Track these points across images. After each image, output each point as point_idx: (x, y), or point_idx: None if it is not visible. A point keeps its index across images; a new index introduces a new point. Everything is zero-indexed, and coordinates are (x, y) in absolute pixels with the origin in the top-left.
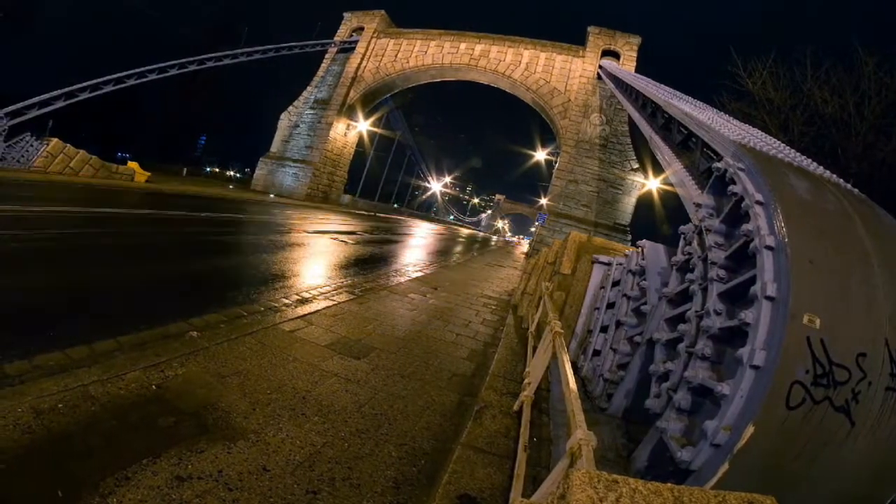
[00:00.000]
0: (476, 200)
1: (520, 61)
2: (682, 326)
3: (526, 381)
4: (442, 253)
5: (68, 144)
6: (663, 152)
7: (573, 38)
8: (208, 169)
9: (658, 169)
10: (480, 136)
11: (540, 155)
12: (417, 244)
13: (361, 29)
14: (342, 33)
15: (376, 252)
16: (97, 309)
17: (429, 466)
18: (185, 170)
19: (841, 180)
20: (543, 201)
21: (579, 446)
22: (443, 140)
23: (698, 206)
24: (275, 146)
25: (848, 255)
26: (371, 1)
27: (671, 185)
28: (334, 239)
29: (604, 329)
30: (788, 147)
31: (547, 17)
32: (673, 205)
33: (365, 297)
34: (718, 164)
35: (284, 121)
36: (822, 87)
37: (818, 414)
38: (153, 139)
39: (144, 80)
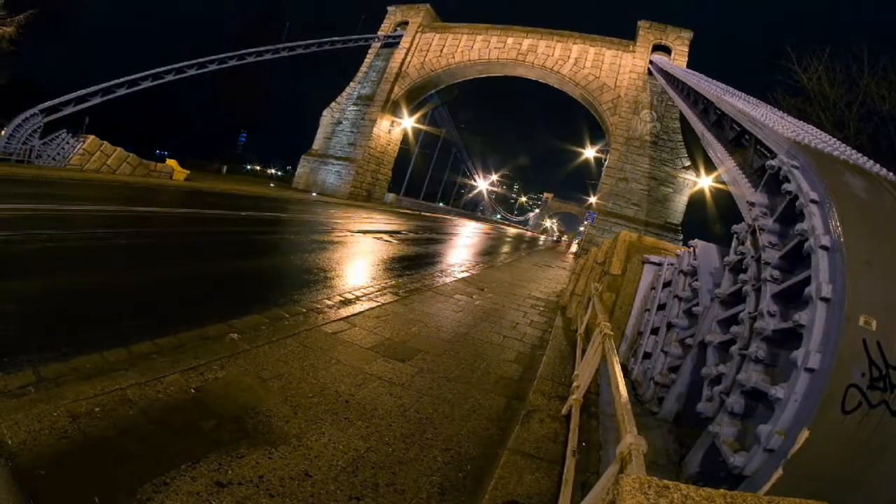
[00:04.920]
0: (523, 199)
1: (568, 56)
2: (734, 328)
3: (575, 384)
4: (488, 253)
5: (105, 142)
6: (715, 149)
7: (623, 32)
8: (248, 167)
9: (710, 167)
10: (528, 133)
11: (589, 152)
12: (463, 244)
13: (405, 23)
14: (386, 28)
15: (421, 252)
16: (134, 310)
17: (475, 472)
18: (224, 168)
19: None
20: (592, 200)
21: (629, 451)
22: (489, 137)
23: (751, 204)
24: (317, 143)
25: None
26: None
27: (724, 183)
28: (378, 238)
29: (654, 331)
30: (844, 144)
31: (596, 11)
32: (725, 203)
33: (409, 298)
34: (772, 162)
35: (327, 117)
36: (879, 83)
37: (874, 418)
38: (192, 136)
39: (183, 75)
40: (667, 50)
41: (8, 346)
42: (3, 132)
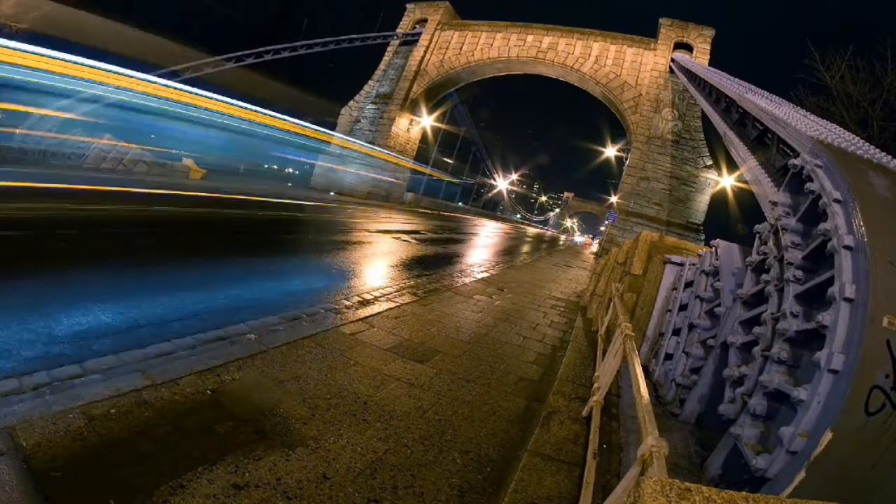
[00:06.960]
0: (543, 198)
1: (589, 54)
2: (757, 329)
3: (595, 385)
4: (508, 253)
5: (121, 141)
6: (738, 148)
7: (644, 30)
8: (265, 166)
9: (732, 166)
10: (548, 131)
11: (610, 151)
12: (483, 244)
13: (425, 21)
14: (405, 25)
15: (440, 252)
16: (149, 310)
17: (495, 474)
18: (241, 167)
19: None
20: (613, 199)
21: (650, 453)
22: (509, 136)
23: (774, 204)
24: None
25: None
26: None
27: (746, 182)
28: (397, 238)
29: (676, 332)
30: (868, 143)
31: (617, 9)
32: (748, 203)
33: (428, 299)
34: (795, 161)
35: (345, 116)
36: None
37: None
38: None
39: (200, 73)
40: (688, 48)
41: (20, 347)
42: (17, 131)
